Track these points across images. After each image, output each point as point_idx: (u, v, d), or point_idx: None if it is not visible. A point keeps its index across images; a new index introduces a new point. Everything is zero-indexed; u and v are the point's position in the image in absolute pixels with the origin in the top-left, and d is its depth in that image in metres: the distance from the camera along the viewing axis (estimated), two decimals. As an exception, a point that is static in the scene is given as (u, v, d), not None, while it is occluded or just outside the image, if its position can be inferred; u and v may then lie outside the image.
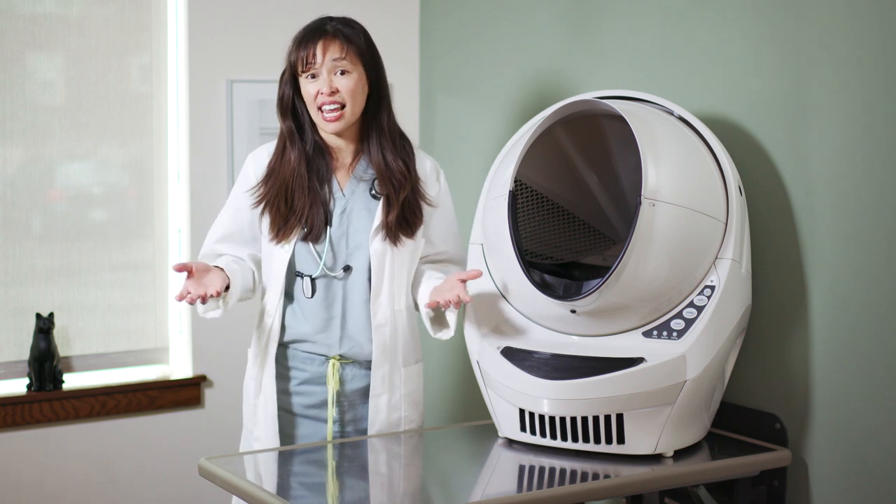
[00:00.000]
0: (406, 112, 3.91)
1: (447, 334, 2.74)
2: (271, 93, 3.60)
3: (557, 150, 2.82)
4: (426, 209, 2.79)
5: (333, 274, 2.74)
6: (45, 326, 3.42)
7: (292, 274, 2.75)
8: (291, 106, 2.74)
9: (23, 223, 3.49)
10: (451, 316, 2.69)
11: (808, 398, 2.63)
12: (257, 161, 2.79)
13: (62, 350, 3.53)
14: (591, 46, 3.20)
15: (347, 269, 2.75)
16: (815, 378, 2.62)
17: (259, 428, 2.77)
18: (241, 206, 2.78)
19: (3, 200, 3.45)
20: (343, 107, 2.68)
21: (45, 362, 3.44)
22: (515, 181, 2.65)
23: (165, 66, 3.65)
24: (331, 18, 2.73)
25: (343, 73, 2.67)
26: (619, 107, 2.55)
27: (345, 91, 2.67)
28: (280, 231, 2.72)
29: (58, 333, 3.52)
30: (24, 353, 3.49)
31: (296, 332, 2.77)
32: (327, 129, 2.72)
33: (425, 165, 2.83)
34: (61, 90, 3.53)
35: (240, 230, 2.79)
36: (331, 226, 2.74)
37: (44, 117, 3.50)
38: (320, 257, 2.73)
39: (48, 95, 3.51)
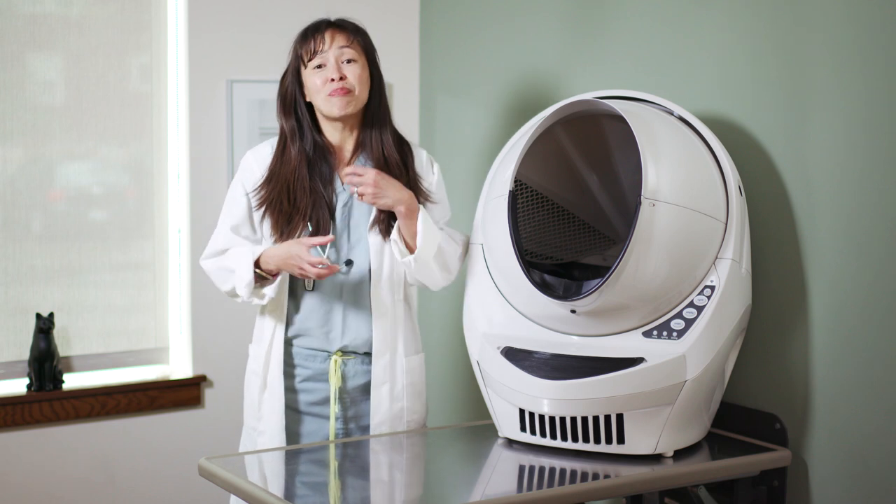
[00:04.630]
0: (406, 112, 3.92)
1: (410, 258, 2.71)
2: (271, 93, 3.60)
3: (557, 150, 2.82)
4: (424, 202, 2.80)
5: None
6: (45, 326, 3.42)
7: None
8: (294, 103, 2.75)
9: (23, 223, 3.49)
10: (421, 239, 2.68)
11: (808, 398, 2.63)
12: (261, 158, 2.80)
13: (62, 350, 3.53)
14: (591, 46, 3.20)
15: (349, 263, 2.76)
16: (815, 378, 2.62)
17: (263, 423, 2.78)
18: (245, 201, 2.78)
19: (3, 200, 3.45)
20: (351, 91, 2.69)
21: (45, 362, 3.44)
22: (515, 181, 2.65)
23: (165, 66, 3.65)
24: (330, 19, 2.75)
25: (350, 61, 2.70)
26: (619, 107, 2.55)
27: (353, 77, 2.70)
28: (284, 232, 2.72)
29: (58, 333, 3.52)
30: (24, 353, 3.49)
31: (299, 327, 2.78)
32: (335, 112, 2.72)
33: (422, 157, 2.85)
34: (61, 90, 3.53)
35: (248, 222, 2.80)
36: (334, 221, 2.75)
37: (44, 117, 3.50)
38: (323, 251, 2.74)
39: (48, 95, 3.51)
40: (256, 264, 2.70)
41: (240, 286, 2.72)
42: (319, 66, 2.70)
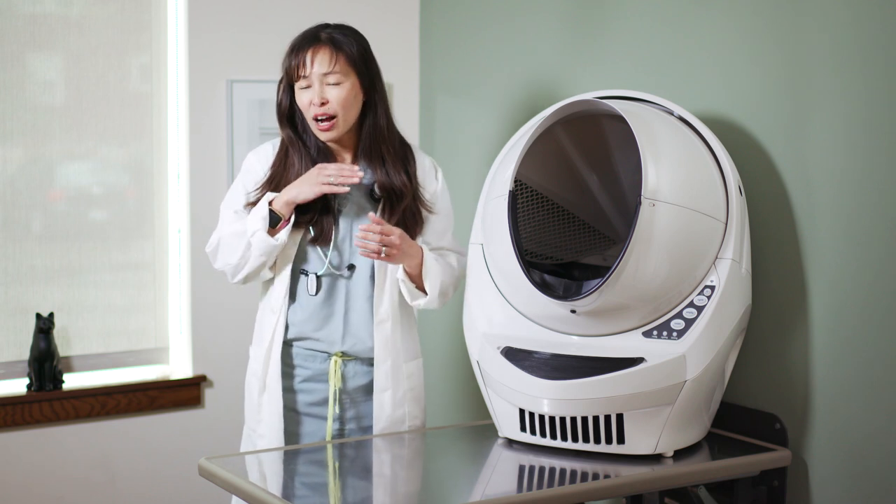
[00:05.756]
0: (406, 112, 3.92)
1: (421, 301, 2.76)
2: (271, 93, 3.61)
3: (557, 150, 2.82)
4: (425, 213, 2.80)
5: (339, 272, 2.75)
6: (45, 326, 3.42)
7: (296, 272, 2.76)
8: (289, 113, 2.75)
9: (23, 223, 3.49)
10: (427, 283, 2.72)
11: (808, 398, 2.63)
12: (263, 158, 2.79)
13: (62, 350, 3.53)
14: (591, 46, 3.20)
15: (351, 267, 2.76)
16: (815, 378, 2.62)
17: (263, 425, 2.78)
18: (246, 198, 2.77)
19: (3, 200, 3.45)
20: (334, 117, 2.68)
21: (45, 362, 3.44)
22: (515, 181, 2.65)
23: (165, 66, 3.66)
24: (327, 25, 2.73)
25: (334, 83, 2.67)
26: (619, 107, 2.55)
27: (335, 101, 2.68)
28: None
29: (58, 333, 3.52)
30: (24, 353, 3.49)
31: (299, 330, 2.77)
32: (321, 137, 2.73)
33: (424, 164, 2.85)
34: (61, 90, 3.53)
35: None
36: (337, 226, 2.75)
37: (44, 117, 3.50)
38: (326, 256, 2.73)
39: (48, 95, 3.51)
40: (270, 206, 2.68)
41: (253, 225, 2.65)
42: (306, 86, 2.70)
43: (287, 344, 2.79)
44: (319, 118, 2.68)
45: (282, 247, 2.69)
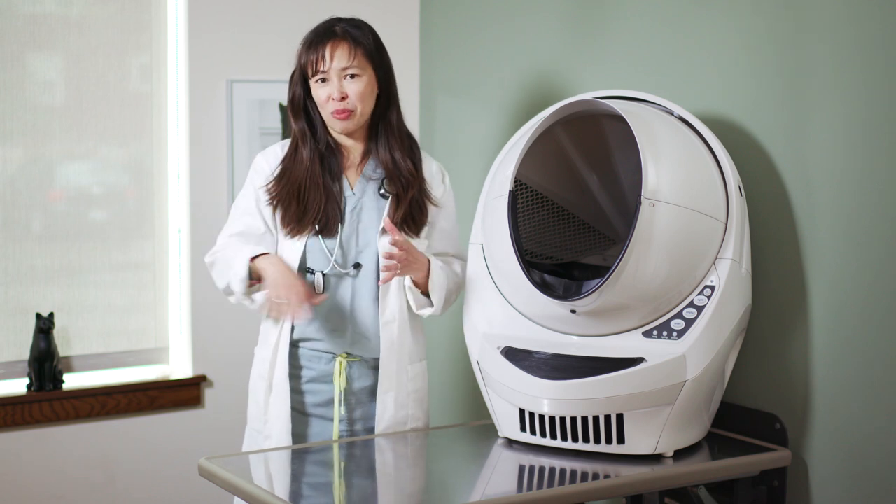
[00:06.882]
0: (406, 112, 3.89)
1: (427, 311, 2.77)
2: (271, 93, 3.61)
3: (557, 150, 2.82)
4: (431, 209, 2.81)
5: (344, 271, 2.75)
6: (45, 326, 3.42)
7: (303, 271, 2.76)
8: (303, 106, 2.76)
9: (23, 223, 3.49)
10: (433, 295, 2.73)
11: (808, 398, 2.63)
12: (271, 158, 2.80)
13: (62, 350, 3.53)
14: (591, 46, 3.20)
15: (357, 266, 2.76)
16: (815, 378, 2.62)
17: (269, 426, 2.77)
18: (258, 202, 2.77)
19: (3, 200, 3.45)
20: (353, 110, 2.70)
21: (45, 362, 3.44)
22: (515, 181, 2.65)
23: (165, 66, 3.66)
24: (339, 19, 2.75)
25: (353, 76, 2.69)
26: (619, 107, 2.55)
27: (354, 95, 2.70)
28: (294, 227, 2.72)
29: (58, 333, 3.52)
30: (24, 353, 3.49)
31: (304, 330, 2.77)
32: (338, 129, 2.75)
33: (431, 167, 2.86)
34: (61, 90, 3.53)
35: (256, 228, 2.77)
36: (343, 223, 2.75)
37: (44, 117, 3.50)
38: (331, 254, 2.73)
39: (48, 95, 3.52)
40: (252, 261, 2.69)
41: (234, 281, 2.70)
42: (323, 80, 2.71)
43: (293, 345, 2.79)
44: (338, 110, 2.69)
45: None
